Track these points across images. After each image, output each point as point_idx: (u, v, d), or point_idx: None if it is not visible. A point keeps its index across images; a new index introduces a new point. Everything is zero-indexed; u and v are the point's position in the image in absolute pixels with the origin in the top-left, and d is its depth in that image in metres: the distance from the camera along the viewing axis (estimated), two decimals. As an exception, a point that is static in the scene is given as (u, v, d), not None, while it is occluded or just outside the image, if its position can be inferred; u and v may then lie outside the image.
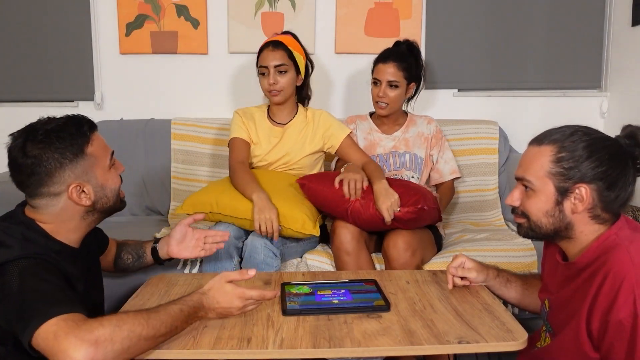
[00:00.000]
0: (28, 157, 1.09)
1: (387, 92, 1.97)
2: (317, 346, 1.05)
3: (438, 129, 2.13)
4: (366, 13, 2.50)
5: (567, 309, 1.09)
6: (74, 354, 0.89)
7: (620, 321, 0.94)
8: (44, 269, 1.04)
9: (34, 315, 0.94)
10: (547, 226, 1.10)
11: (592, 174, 1.03)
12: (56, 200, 1.13)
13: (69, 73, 2.48)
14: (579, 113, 2.59)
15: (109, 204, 1.20)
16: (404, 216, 1.66)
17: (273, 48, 1.91)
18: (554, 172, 1.06)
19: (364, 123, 2.14)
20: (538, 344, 1.22)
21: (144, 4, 2.44)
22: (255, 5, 2.47)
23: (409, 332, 1.10)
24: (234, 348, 1.04)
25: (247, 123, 1.98)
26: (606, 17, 2.55)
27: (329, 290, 1.30)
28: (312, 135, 1.97)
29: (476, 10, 2.53)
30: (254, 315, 1.18)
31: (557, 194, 1.06)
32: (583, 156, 1.04)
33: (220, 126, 2.38)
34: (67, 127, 1.13)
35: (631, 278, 0.94)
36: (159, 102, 2.53)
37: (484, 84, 2.60)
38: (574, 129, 1.08)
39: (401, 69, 1.97)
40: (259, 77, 1.95)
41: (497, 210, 2.35)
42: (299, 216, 1.69)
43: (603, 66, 2.59)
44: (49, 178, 1.10)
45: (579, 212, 1.05)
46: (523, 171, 1.12)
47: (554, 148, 1.07)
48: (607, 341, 0.97)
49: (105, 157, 1.19)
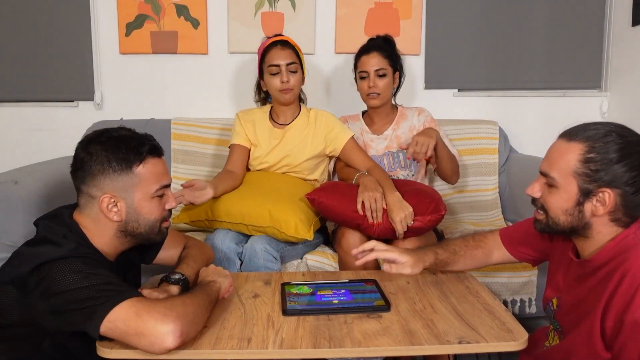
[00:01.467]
0: (84, 152, 1.13)
1: (376, 82, 1.93)
2: (317, 346, 1.05)
3: (430, 119, 2.04)
4: (366, 13, 2.50)
5: (579, 308, 1.08)
6: (162, 327, 0.95)
7: (636, 321, 0.93)
8: (94, 265, 1.07)
9: (102, 301, 0.97)
10: (565, 224, 1.08)
11: (620, 179, 1.00)
12: (91, 204, 1.14)
13: (69, 73, 2.48)
14: (579, 113, 2.59)
15: (139, 230, 1.17)
16: (426, 225, 1.63)
17: (282, 47, 1.89)
18: (580, 172, 1.03)
19: (355, 124, 2.10)
20: (547, 343, 1.21)
21: (144, 4, 2.44)
22: (255, 5, 2.47)
23: (409, 332, 1.10)
24: (234, 348, 1.04)
25: (245, 126, 1.97)
26: (606, 17, 2.55)
27: (329, 290, 1.31)
28: (313, 137, 1.94)
29: (476, 10, 2.53)
30: (254, 315, 1.19)
31: (580, 195, 1.04)
32: (613, 160, 0.99)
33: (220, 126, 2.38)
34: (128, 141, 1.14)
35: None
36: (159, 102, 2.53)
37: (484, 84, 2.60)
38: (610, 129, 1.02)
39: (385, 57, 1.94)
40: (268, 77, 1.89)
41: (497, 210, 2.35)
42: (292, 220, 1.66)
43: (603, 66, 2.59)
44: (90, 179, 1.12)
45: (599, 215, 1.03)
46: (548, 166, 1.09)
47: (584, 147, 1.02)
48: (621, 341, 0.96)
49: (152, 185, 1.16)
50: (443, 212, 1.65)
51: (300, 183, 1.90)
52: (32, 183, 1.78)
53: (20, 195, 1.69)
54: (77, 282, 1.00)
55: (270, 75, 1.89)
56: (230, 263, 1.65)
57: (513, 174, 2.38)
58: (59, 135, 2.49)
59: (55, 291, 0.99)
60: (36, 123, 2.50)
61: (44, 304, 1.00)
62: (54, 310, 0.99)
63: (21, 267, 1.04)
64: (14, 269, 1.06)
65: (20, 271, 1.04)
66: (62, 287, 0.99)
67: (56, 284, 1.00)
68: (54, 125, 2.50)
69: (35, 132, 2.50)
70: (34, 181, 1.81)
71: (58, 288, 1.00)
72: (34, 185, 1.78)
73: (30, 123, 2.50)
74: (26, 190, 1.72)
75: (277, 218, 1.67)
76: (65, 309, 0.98)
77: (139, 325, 0.95)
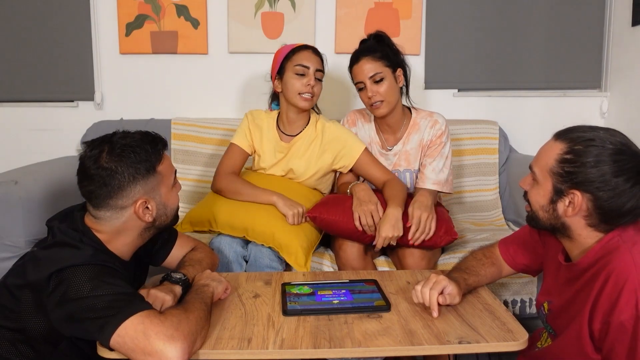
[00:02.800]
0: (103, 168, 1.10)
1: (375, 90, 1.75)
2: (318, 346, 1.05)
3: (439, 134, 1.83)
4: (366, 13, 2.50)
5: (569, 310, 1.09)
6: (170, 350, 0.96)
7: (621, 323, 0.94)
8: (111, 274, 1.08)
9: (114, 313, 0.98)
10: (544, 219, 1.11)
11: (592, 184, 1.01)
12: (120, 214, 1.14)
13: (69, 73, 2.48)
14: (579, 113, 2.59)
15: (167, 222, 1.22)
16: (437, 244, 1.65)
17: (314, 52, 1.82)
18: (555, 171, 1.06)
19: (365, 127, 1.93)
20: (538, 344, 1.22)
21: (144, 4, 2.44)
22: (255, 5, 2.46)
23: (409, 332, 1.10)
24: (234, 348, 1.04)
25: (253, 131, 1.87)
26: (606, 17, 2.55)
27: (330, 290, 1.30)
28: (320, 152, 1.84)
29: (476, 10, 2.53)
30: (254, 315, 1.19)
31: (553, 193, 1.07)
32: (588, 164, 1.01)
33: (220, 126, 2.37)
34: (143, 144, 1.16)
35: (634, 280, 0.94)
36: (159, 102, 2.53)
37: (484, 84, 2.60)
38: (596, 134, 1.03)
39: (378, 58, 1.76)
40: (292, 77, 1.78)
41: (497, 210, 2.35)
42: (293, 248, 1.62)
43: (603, 66, 2.59)
44: (120, 191, 1.12)
45: (570, 216, 1.05)
46: (534, 161, 1.13)
47: (565, 147, 1.05)
48: (609, 342, 0.97)
49: (170, 176, 1.21)
50: (455, 237, 1.67)
51: (308, 193, 1.84)
52: (32, 183, 1.78)
53: (20, 195, 1.69)
54: (93, 290, 1.01)
55: (295, 75, 1.77)
56: (235, 265, 1.65)
57: (513, 174, 2.38)
58: (59, 135, 2.49)
59: (71, 297, 1.01)
60: (36, 123, 2.50)
61: (60, 309, 1.01)
62: (69, 316, 1.01)
63: (39, 271, 1.05)
64: (32, 273, 1.07)
65: (38, 276, 1.05)
66: (78, 294, 1.01)
67: (72, 290, 1.01)
68: (54, 125, 2.50)
69: (35, 132, 2.50)
70: (34, 181, 1.81)
71: (74, 294, 1.01)
72: (34, 185, 1.78)
73: (30, 123, 2.50)
74: (26, 190, 1.72)
75: (279, 242, 1.63)
76: (79, 317, 1.00)
77: (147, 345, 0.96)
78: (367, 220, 1.61)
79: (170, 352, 0.95)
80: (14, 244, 1.69)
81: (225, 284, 1.27)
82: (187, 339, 0.98)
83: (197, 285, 1.21)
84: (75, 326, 1.01)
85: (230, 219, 1.68)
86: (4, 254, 1.68)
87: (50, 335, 1.07)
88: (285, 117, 1.87)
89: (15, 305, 1.08)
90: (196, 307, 1.08)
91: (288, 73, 1.79)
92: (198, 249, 1.45)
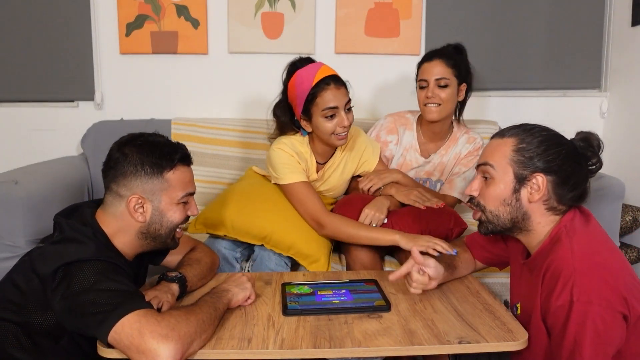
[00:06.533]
0: (119, 152, 1.18)
1: (436, 92, 1.77)
2: (318, 346, 1.05)
3: (478, 147, 1.90)
4: (366, 13, 2.50)
5: (529, 305, 1.14)
6: (163, 349, 0.96)
7: (558, 307, 1.00)
8: (114, 270, 1.09)
9: (112, 308, 0.99)
10: (505, 215, 1.14)
11: (549, 165, 1.10)
12: (118, 202, 1.18)
13: (69, 73, 2.48)
14: (579, 113, 2.59)
15: (159, 231, 1.21)
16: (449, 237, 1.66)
17: (336, 85, 1.65)
18: (515, 160, 1.12)
19: (407, 134, 1.93)
20: None
21: (144, 4, 2.44)
22: (255, 5, 2.46)
23: (409, 332, 1.10)
24: (235, 348, 1.04)
25: (301, 162, 1.73)
26: (606, 17, 2.55)
27: (330, 290, 1.31)
28: (349, 169, 1.85)
29: (476, 10, 2.53)
30: (254, 315, 1.19)
31: (516, 182, 1.12)
32: (540, 148, 1.11)
33: (220, 126, 2.37)
34: (162, 147, 1.20)
35: (569, 267, 1.01)
36: (159, 102, 2.53)
37: (484, 84, 2.60)
38: (533, 126, 1.16)
39: (449, 66, 1.78)
40: (321, 120, 1.64)
41: (497, 210, 2.35)
42: (315, 257, 1.63)
43: (603, 66, 2.59)
44: (122, 178, 1.17)
45: (534, 201, 1.11)
46: (486, 157, 1.17)
47: (515, 139, 1.14)
48: (552, 327, 1.04)
49: (179, 191, 1.21)
50: (465, 226, 1.70)
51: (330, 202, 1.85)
52: (32, 183, 1.78)
53: (20, 195, 1.69)
54: (96, 285, 1.03)
55: (325, 119, 1.64)
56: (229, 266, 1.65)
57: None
58: (59, 135, 2.49)
59: (74, 290, 1.02)
60: (36, 123, 2.50)
61: (63, 302, 1.03)
62: (71, 309, 1.02)
63: (46, 265, 1.07)
64: (40, 267, 1.08)
65: (45, 270, 1.07)
66: (81, 288, 1.02)
67: (77, 284, 1.03)
68: (54, 125, 2.50)
69: (35, 132, 2.50)
70: (34, 181, 1.81)
71: (78, 288, 1.02)
72: (34, 185, 1.78)
73: (30, 123, 2.50)
74: (26, 190, 1.72)
75: (300, 251, 1.63)
76: (81, 311, 1.01)
77: (141, 344, 0.96)
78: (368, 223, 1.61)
79: (162, 352, 0.95)
80: (14, 244, 1.69)
81: (249, 293, 1.24)
82: (181, 340, 0.98)
83: (218, 289, 1.20)
84: (76, 320, 1.02)
85: (249, 228, 1.65)
86: (4, 254, 1.68)
87: (53, 330, 1.08)
88: (318, 147, 1.78)
89: (21, 300, 1.09)
90: (201, 310, 1.08)
91: (316, 117, 1.65)
92: (198, 249, 1.46)
